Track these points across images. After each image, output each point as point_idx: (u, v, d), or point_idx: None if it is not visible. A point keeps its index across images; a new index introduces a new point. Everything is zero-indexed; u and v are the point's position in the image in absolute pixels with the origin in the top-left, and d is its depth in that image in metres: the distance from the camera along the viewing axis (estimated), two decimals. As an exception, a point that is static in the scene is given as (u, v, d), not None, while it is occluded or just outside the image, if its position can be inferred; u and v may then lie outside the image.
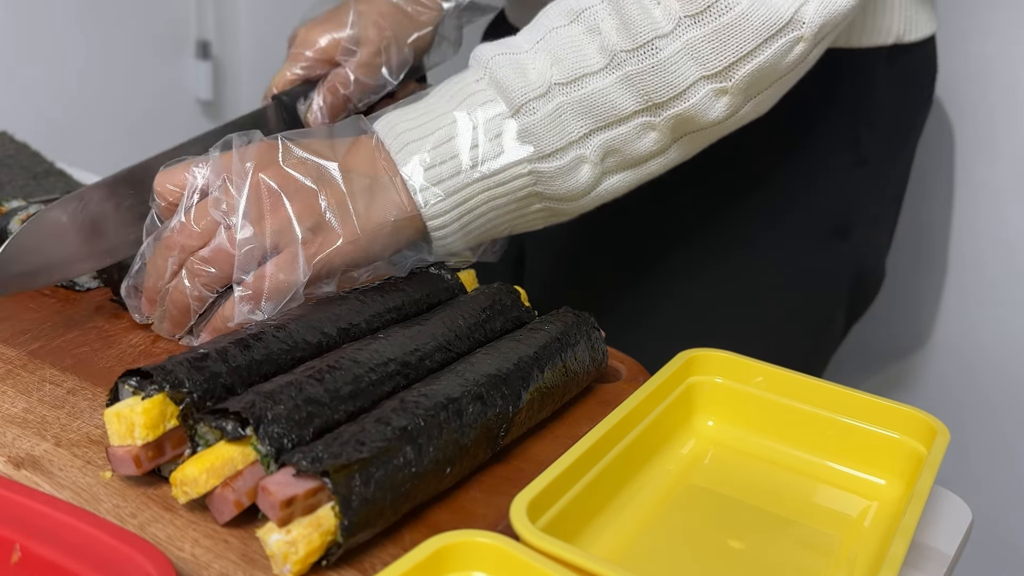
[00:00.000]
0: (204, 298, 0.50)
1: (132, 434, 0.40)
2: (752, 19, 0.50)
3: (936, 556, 0.44)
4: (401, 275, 0.54)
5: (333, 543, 0.36)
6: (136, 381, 0.41)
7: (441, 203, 0.51)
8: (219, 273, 0.49)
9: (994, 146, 1.14)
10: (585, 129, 0.51)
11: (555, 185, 0.52)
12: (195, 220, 0.48)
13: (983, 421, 1.21)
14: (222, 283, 0.49)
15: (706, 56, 0.50)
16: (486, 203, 0.52)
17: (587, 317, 0.53)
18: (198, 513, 0.40)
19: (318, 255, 0.49)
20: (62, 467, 0.42)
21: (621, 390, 0.53)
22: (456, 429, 0.41)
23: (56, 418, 0.46)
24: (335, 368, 0.43)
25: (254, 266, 0.48)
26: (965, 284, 1.20)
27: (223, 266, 0.48)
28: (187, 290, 0.49)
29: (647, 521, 0.43)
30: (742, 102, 0.53)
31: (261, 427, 0.38)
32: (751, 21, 0.50)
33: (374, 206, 0.50)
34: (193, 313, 0.50)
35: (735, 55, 0.50)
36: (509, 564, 0.35)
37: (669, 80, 0.50)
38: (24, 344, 0.52)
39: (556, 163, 0.51)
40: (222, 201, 0.48)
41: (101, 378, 0.50)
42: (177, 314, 0.51)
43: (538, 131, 0.51)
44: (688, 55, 0.50)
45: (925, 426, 0.45)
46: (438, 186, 0.51)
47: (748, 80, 0.52)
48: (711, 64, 0.50)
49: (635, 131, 0.52)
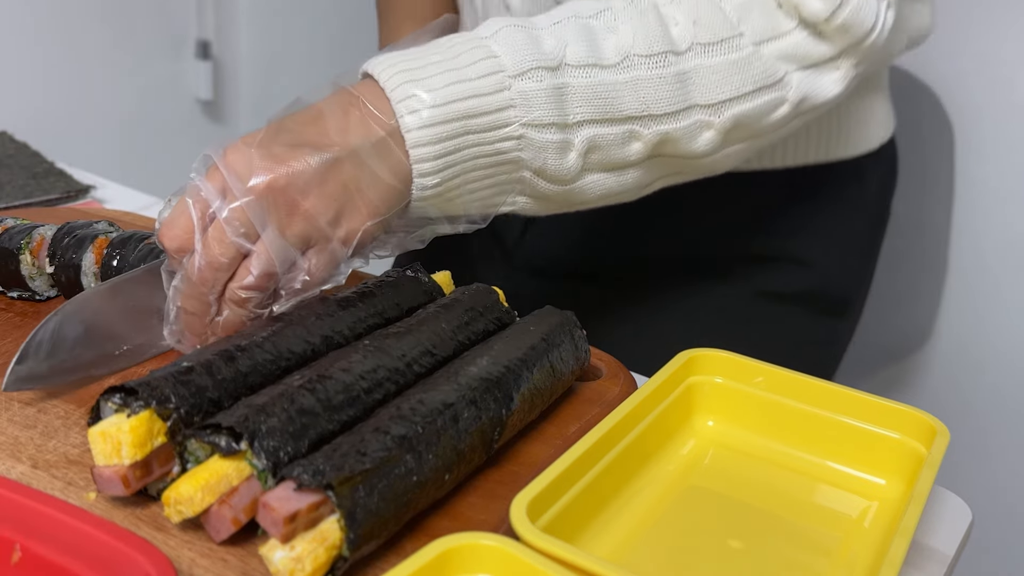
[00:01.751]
0: (258, 315, 0.52)
1: (119, 453, 0.42)
2: (753, 65, 0.57)
3: (936, 556, 0.48)
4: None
5: (339, 557, 0.39)
6: (120, 398, 0.43)
7: (428, 147, 0.52)
8: (264, 291, 0.51)
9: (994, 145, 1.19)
10: (581, 116, 0.55)
11: (541, 158, 0.55)
12: (219, 252, 0.50)
13: (983, 421, 1.26)
14: (268, 297, 0.52)
15: (707, 85, 0.57)
16: (471, 158, 0.53)
17: (570, 316, 0.56)
18: (191, 532, 0.42)
19: (349, 241, 0.52)
20: (42, 490, 0.44)
21: (603, 388, 0.56)
22: (453, 435, 0.44)
23: (29, 438, 0.48)
24: (325, 377, 0.45)
25: (291, 269, 0.51)
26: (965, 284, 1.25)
27: (265, 284, 0.51)
28: (240, 315, 0.52)
29: (647, 521, 0.47)
30: (720, 144, 0.59)
31: (256, 441, 0.41)
32: (751, 67, 0.57)
33: (383, 173, 0.52)
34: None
35: (730, 94, 0.57)
36: (512, 566, 0.38)
37: (670, 96, 0.56)
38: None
39: (547, 136, 0.54)
40: (236, 222, 0.49)
41: (71, 394, 0.52)
42: (228, 333, 0.52)
43: (538, 99, 0.53)
44: (693, 79, 0.56)
45: (925, 426, 0.49)
46: (429, 128, 0.52)
47: (733, 122, 0.58)
48: (709, 95, 0.57)
49: (623, 136, 0.57)
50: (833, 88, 0.60)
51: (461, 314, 0.55)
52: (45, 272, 0.61)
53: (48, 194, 0.88)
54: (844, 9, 0.57)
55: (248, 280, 0.50)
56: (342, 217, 0.51)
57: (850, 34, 0.58)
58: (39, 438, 0.48)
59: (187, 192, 0.51)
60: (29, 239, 0.61)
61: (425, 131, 0.52)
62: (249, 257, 0.50)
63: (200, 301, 0.51)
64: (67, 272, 0.60)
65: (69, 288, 0.60)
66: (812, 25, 0.58)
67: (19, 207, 0.84)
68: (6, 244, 0.62)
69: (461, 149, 0.53)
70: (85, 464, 0.46)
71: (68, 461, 0.46)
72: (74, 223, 0.63)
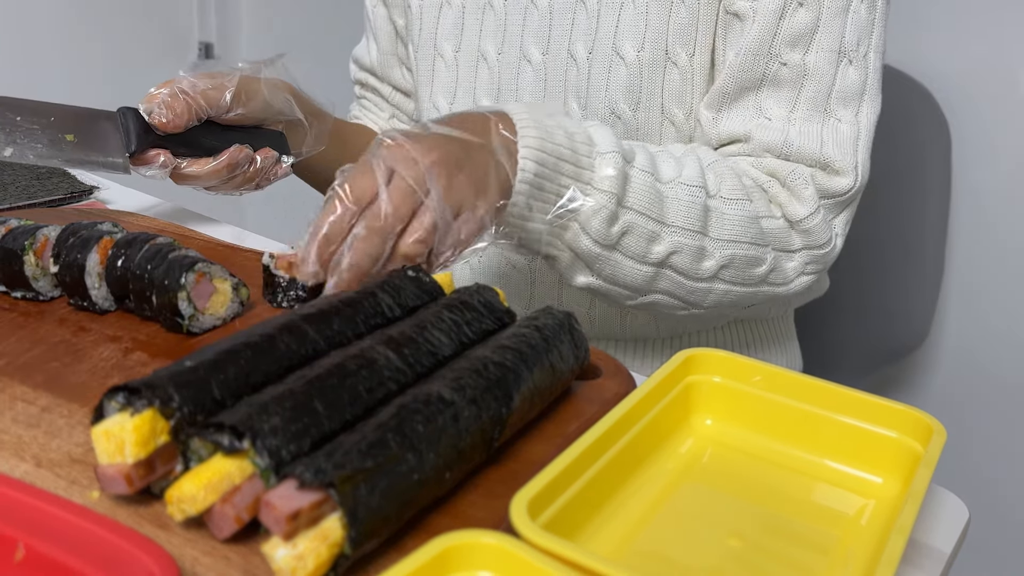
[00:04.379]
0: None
1: (122, 452, 0.42)
2: (753, 225, 0.74)
3: (933, 554, 0.48)
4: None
5: (341, 555, 0.39)
6: (124, 397, 0.44)
7: (530, 162, 0.64)
8: (427, 246, 0.61)
9: (991, 146, 1.19)
10: (631, 203, 0.69)
11: (595, 218, 0.67)
12: (399, 202, 0.60)
13: (980, 420, 1.27)
14: (424, 259, 0.62)
15: (721, 224, 0.73)
16: (551, 191, 0.66)
17: (570, 315, 0.57)
18: (194, 530, 0.42)
19: (486, 212, 0.62)
20: (46, 488, 0.44)
21: (603, 386, 0.57)
22: (454, 434, 0.45)
23: (33, 438, 0.48)
24: (327, 377, 0.46)
25: (446, 234, 0.62)
26: (962, 284, 1.25)
27: (431, 238, 0.61)
28: (398, 261, 0.61)
29: (646, 519, 0.47)
30: (715, 272, 0.74)
31: (258, 440, 0.41)
32: (753, 226, 0.74)
33: (506, 166, 0.64)
34: None
35: (733, 237, 0.73)
36: (513, 563, 0.38)
37: (695, 219, 0.71)
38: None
39: (604, 202, 0.67)
40: (415, 182, 0.60)
41: (75, 394, 0.52)
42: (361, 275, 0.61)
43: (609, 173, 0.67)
44: (713, 216, 0.72)
45: (922, 425, 0.49)
46: (535, 151, 0.65)
47: (729, 259, 0.74)
48: (720, 231, 0.73)
49: (650, 233, 0.70)
50: (792, 272, 0.78)
51: (461, 314, 0.55)
52: (49, 272, 0.61)
53: (52, 195, 0.88)
54: (812, 220, 0.76)
55: (419, 234, 0.60)
56: (482, 193, 0.62)
57: (812, 238, 0.77)
58: (43, 437, 0.48)
59: (371, 155, 0.61)
60: (33, 240, 0.62)
61: (531, 151, 0.65)
62: (418, 215, 0.60)
63: (379, 246, 0.59)
64: (71, 272, 0.60)
65: (73, 288, 0.60)
66: (791, 222, 0.77)
67: (23, 208, 0.85)
68: (10, 245, 0.62)
69: (547, 178, 0.65)
70: (88, 463, 0.46)
71: (72, 460, 0.47)
72: (78, 223, 0.63)
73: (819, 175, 0.76)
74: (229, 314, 0.61)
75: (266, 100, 0.81)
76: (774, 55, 0.76)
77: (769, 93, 0.77)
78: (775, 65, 0.77)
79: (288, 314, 0.52)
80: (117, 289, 0.60)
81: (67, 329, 0.59)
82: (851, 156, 0.76)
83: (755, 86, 0.78)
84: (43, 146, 0.75)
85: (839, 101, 0.77)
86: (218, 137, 0.79)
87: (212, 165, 0.78)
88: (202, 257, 0.60)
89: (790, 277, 0.78)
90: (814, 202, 0.76)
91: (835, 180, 0.76)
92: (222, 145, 0.79)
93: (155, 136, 0.76)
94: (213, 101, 0.78)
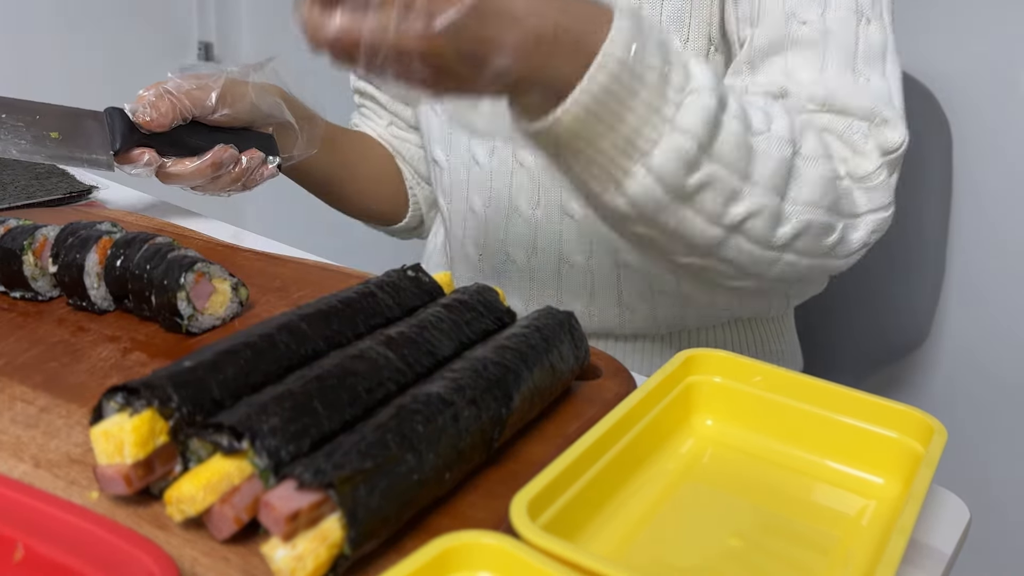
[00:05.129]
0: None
1: (121, 452, 0.42)
2: (833, 188, 0.67)
3: (934, 555, 0.48)
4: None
5: (340, 555, 0.39)
6: (123, 397, 0.44)
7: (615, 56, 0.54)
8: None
9: (993, 145, 1.19)
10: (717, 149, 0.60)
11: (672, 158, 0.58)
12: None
13: (981, 420, 1.27)
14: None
15: (802, 186, 0.65)
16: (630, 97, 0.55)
17: (570, 315, 0.56)
18: (193, 531, 0.42)
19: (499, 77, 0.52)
20: (45, 489, 0.44)
21: (603, 387, 0.56)
22: (454, 434, 0.45)
23: (32, 438, 0.48)
24: (327, 377, 0.46)
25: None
26: (963, 284, 1.25)
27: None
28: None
29: (646, 519, 0.47)
30: (790, 240, 0.66)
31: (257, 440, 0.41)
32: (833, 190, 0.67)
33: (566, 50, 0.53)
34: None
35: (813, 200, 0.66)
36: (512, 564, 0.38)
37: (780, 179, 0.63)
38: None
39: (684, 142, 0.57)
40: None
41: (74, 394, 0.52)
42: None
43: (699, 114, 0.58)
44: (795, 176, 0.65)
45: (923, 425, 0.49)
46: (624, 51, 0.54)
47: (805, 226, 0.66)
48: (802, 195, 0.65)
49: (732, 190, 0.61)
50: (856, 243, 0.72)
51: (461, 314, 0.55)
52: (48, 272, 0.61)
53: (51, 195, 0.88)
54: (878, 177, 0.71)
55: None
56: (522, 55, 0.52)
57: (878, 199, 0.71)
58: (41, 437, 0.48)
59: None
60: (32, 240, 0.62)
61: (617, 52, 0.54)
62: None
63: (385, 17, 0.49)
64: (70, 272, 0.60)
65: (72, 288, 0.60)
66: (855, 179, 0.70)
67: (22, 207, 0.85)
68: (9, 245, 0.62)
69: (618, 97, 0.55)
70: (87, 463, 0.46)
71: (70, 460, 0.47)
72: (77, 223, 0.63)
73: (873, 129, 0.72)
74: (228, 314, 0.61)
75: (253, 102, 0.81)
76: (794, 14, 0.74)
77: (795, 54, 0.74)
78: (795, 24, 0.74)
79: (287, 314, 0.52)
80: (116, 289, 0.60)
81: (66, 329, 0.59)
82: (896, 108, 0.72)
83: (780, 49, 0.74)
84: (27, 142, 0.76)
85: (864, 60, 0.73)
86: (204, 138, 0.80)
87: (196, 164, 0.79)
88: (201, 257, 0.60)
89: (853, 248, 0.73)
90: (878, 156, 0.71)
91: (889, 133, 0.71)
92: (208, 145, 0.79)
93: (141, 135, 0.77)
94: (198, 101, 0.78)
